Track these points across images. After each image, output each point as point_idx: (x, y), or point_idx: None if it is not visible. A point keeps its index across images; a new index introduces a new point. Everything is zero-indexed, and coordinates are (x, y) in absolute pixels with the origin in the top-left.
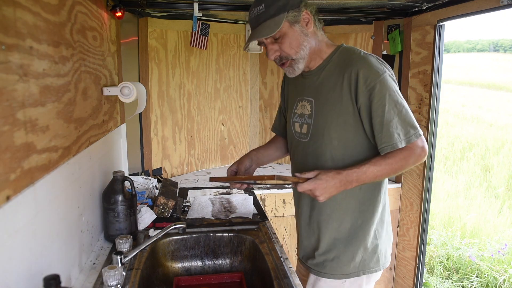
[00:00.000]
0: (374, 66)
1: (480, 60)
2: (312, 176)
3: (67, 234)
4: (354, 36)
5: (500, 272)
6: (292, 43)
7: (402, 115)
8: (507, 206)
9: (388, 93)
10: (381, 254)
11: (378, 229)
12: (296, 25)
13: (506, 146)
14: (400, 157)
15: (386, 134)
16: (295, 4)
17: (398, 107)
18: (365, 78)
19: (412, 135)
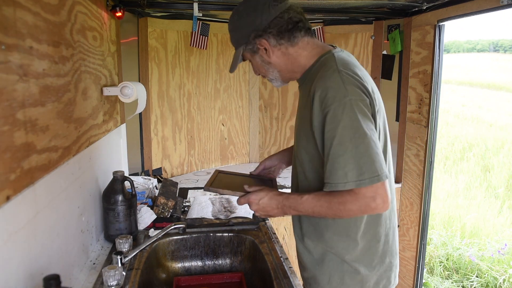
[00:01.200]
0: (336, 88)
1: (480, 60)
2: (254, 190)
3: (67, 234)
4: (354, 36)
5: (500, 272)
6: (259, 69)
7: (357, 151)
8: (507, 206)
9: (342, 123)
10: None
11: (360, 258)
12: (256, 55)
13: (506, 146)
14: (340, 200)
15: (330, 170)
16: (245, 37)
17: (354, 142)
18: (321, 100)
19: (366, 178)
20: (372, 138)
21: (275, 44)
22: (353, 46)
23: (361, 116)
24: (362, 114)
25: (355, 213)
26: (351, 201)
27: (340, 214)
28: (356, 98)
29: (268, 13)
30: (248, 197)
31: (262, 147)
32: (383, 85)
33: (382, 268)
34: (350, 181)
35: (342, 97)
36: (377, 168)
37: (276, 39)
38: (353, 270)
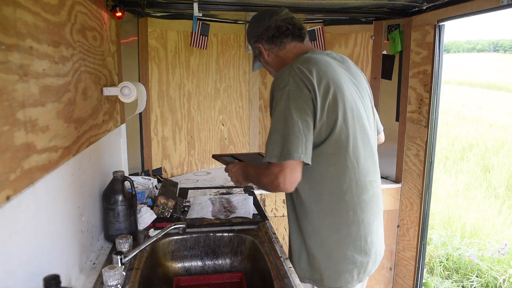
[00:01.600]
0: (281, 79)
1: (480, 60)
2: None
3: (67, 234)
4: (354, 36)
5: (500, 272)
6: (265, 67)
7: (281, 132)
8: (507, 206)
9: (278, 107)
10: (323, 273)
11: (313, 246)
12: (260, 57)
13: (506, 146)
14: (261, 172)
15: (268, 146)
16: (251, 43)
17: (281, 123)
18: (272, 88)
19: (275, 156)
20: (298, 124)
21: (268, 48)
22: (353, 46)
23: (294, 104)
24: (295, 103)
25: (266, 187)
26: (264, 175)
27: (260, 185)
28: (294, 89)
29: (263, 24)
30: (227, 166)
31: (262, 147)
32: (383, 85)
33: (342, 260)
34: (269, 155)
35: (283, 86)
36: (288, 148)
37: (268, 43)
38: (311, 254)
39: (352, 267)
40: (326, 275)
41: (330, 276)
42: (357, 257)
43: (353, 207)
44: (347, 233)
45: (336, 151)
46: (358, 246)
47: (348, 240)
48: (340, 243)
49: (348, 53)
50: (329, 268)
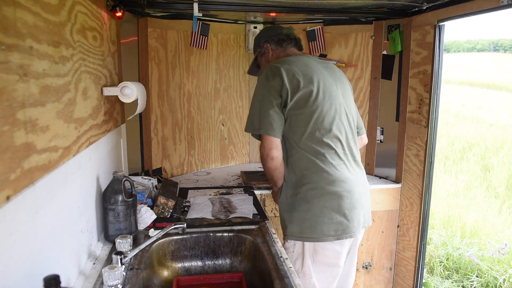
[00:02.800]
0: (261, 73)
1: (480, 60)
2: None
3: (67, 234)
4: (354, 36)
5: (500, 272)
6: (263, 65)
7: (253, 112)
8: (507, 206)
9: (255, 93)
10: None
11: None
12: (263, 57)
13: (506, 146)
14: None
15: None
16: (259, 44)
17: (254, 105)
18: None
19: (251, 129)
20: (264, 101)
21: (273, 48)
22: (353, 46)
23: (266, 91)
24: (267, 90)
25: (264, 164)
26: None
27: (264, 168)
28: (266, 80)
29: (276, 31)
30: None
31: None
32: (383, 85)
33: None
34: (247, 128)
35: (260, 78)
36: (257, 124)
37: (275, 44)
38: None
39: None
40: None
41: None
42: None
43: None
44: (325, 193)
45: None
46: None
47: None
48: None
49: (348, 53)
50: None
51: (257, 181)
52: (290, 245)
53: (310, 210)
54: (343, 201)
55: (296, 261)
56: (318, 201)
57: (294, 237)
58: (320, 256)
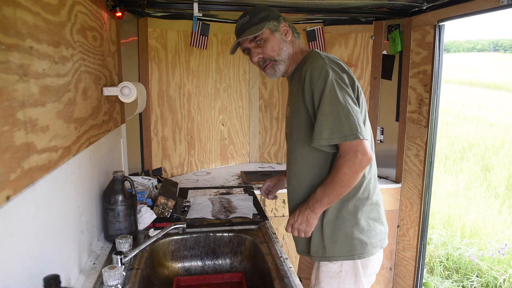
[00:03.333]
0: (320, 68)
1: (480, 60)
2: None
3: (67, 234)
4: (354, 36)
5: (500, 272)
6: (273, 46)
7: (332, 116)
8: (507, 206)
9: (324, 94)
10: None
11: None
12: (276, 33)
13: (506, 146)
14: (335, 170)
15: (314, 130)
16: (275, 17)
17: (330, 108)
18: (310, 79)
19: (335, 138)
20: (346, 106)
21: (291, 32)
22: (353, 46)
23: (339, 89)
24: (340, 88)
25: (350, 174)
26: (341, 165)
27: (342, 182)
28: (336, 76)
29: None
30: (288, 222)
31: (262, 147)
32: (383, 85)
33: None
34: (323, 138)
35: (325, 74)
36: (345, 130)
37: (291, 30)
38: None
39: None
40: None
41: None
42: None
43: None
44: (370, 204)
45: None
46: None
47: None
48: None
49: (348, 53)
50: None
51: (257, 181)
52: (335, 266)
53: (358, 224)
54: (381, 209)
55: (345, 281)
56: (365, 213)
57: (342, 257)
58: (369, 269)
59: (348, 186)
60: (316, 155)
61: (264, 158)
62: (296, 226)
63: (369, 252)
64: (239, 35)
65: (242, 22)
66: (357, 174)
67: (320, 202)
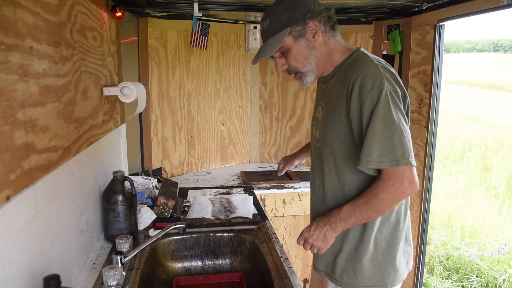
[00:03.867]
0: (374, 77)
1: (480, 60)
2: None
3: (67, 234)
4: (354, 36)
5: (500, 272)
6: (297, 57)
7: (384, 136)
8: (507, 206)
9: (376, 109)
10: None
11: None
12: (301, 39)
13: (506, 146)
14: (373, 192)
15: (361, 149)
16: (299, 17)
17: (382, 127)
18: (360, 87)
19: (386, 161)
20: (400, 127)
21: (323, 29)
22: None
23: (393, 105)
24: (394, 104)
25: (389, 201)
26: (382, 190)
27: (378, 207)
28: (391, 89)
29: (318, 4)
30: (302, 233)
31: (262, 147)
32: None
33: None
34: (373, 160)
35: (379, 85)
36: (398, 153)
37: (325, 25)
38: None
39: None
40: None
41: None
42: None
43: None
44: (402, 227)
45: None
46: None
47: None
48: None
49: None
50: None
51: (257, 181)
52: None
53: (390, 251)
54: (410, 230)
55: None
56: (397, 239)
57: (376, 286)
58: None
59: (382, 212)
60: (352, 173)
61: (264, 158)
62: (311, 241)
63: (400, 278)
64: (264, 41)
65: (263, 27)
66: (397, 202)
67: (345, 222)
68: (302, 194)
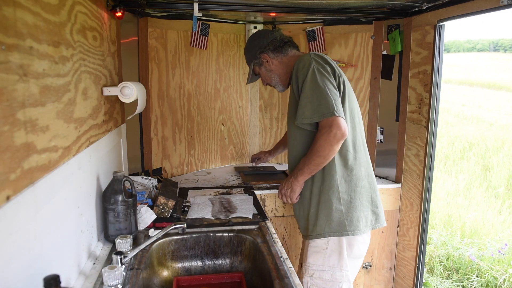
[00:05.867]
0: (305, 60)
1: (480, 60)
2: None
3: (67, 234)
4: (354, 36)
5: (500, 272)
6: (265, 77)
7: (313, 99)
8: (507, 206)
9: (307, 80)
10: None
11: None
12: (261, 67)
13: (506, 145)
14: (314, 143)
15: (298, 111)
16: (254, 55)
17: (311, 92)
18: (296, 71)
19: (316, 116)
20: (325, 90)
21: (272, 56)
22: (353, 46)
23: (319, 75)
24: (320, 74)
25: (325, 146)
26: (318, 138)
27: (319, 152)
28: (317, 66)
29: (267, 37)
30: (279, 190)
31: (262, 147)
32: (383, 85)
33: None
34: (306, 117)
35: (308, 65)
36: (323, 109)
37: (273, 52)
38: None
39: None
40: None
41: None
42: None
43: (364, 163)
44: (363, 185)
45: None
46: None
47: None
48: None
49: (348, 53)
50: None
51: (257, 181)
52: (322, 243)
53: (351, 203)
54: (375, 192)
55: (330, 258)
56: (358, 194)
57: (329, 234)
58: (355, 249)
59: (324, 157)
60: (300, 132)
61: None
62: (283, 192)
63: (355, 231)
64: None
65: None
66: (331, 146)
67: (301, 171)
68: None
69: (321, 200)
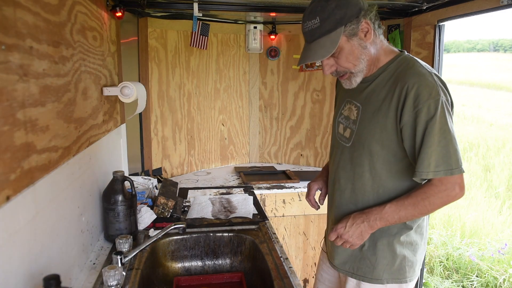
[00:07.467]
0: (430, 87)
1: (480, 60)
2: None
3: (67, 234)
4: None
5: (500, 272)
6: (349, 57)
7: (440, 146)
8: (507, 206)
9: (434, 119)
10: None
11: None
12: (354, 38)
13: (507, 146)
14: (423, 196)
15: (418, 160)
16: (353, 15)
17: (439, 137)
18: (415, 97)
19: (441, 170)
20: (454, 136)
21: (373, 28)
22: None
23: (448, 115)
24: (448, 113)
25: (438, 205)
26: (433, 194)
27: (425, 209)
28: (445, 99)
29: (362, 1)
30: (336, 229)
31: (262, 147)
32: None
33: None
34: (430, 171)
35: (436, 95)
36: (452, 162)
37: (374, 23)
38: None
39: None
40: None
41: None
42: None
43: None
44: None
45: None
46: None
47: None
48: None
49: None
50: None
51: (256, 181)
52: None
53: (410, 244)
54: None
55: None
56: (418, 233)
57: (391, 280)
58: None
59: (426, 214)
60: (391, 177)
61: (264, 158)
62: (346, 237)
63: (415, 274)
64: (309, 43)
65: (311, 26)
66: (444, 205)
67: (385, 220)
68: (302, 194)
69: (391, 244)
